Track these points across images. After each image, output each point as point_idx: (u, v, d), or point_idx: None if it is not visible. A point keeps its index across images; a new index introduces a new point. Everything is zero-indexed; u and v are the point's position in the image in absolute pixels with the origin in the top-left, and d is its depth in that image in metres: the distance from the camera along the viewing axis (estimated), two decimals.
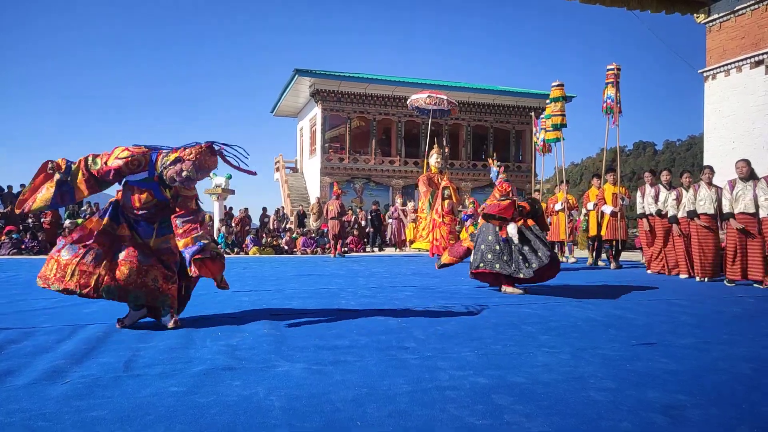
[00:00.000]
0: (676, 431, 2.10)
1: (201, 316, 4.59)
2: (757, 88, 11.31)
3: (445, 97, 15.39)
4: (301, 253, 16.04)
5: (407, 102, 16.09)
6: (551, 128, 11.69)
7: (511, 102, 27.60)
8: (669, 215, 8.38)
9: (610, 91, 10.43)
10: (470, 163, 27.34)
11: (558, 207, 11.62)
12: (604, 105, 10.53)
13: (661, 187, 8.79)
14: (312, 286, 6.99)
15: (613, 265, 10.08)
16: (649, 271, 9.11)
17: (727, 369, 2.99)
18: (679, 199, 8.27)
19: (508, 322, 4.33)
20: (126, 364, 2.99)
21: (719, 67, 12.15)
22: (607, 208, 10.06)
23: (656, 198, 8.73)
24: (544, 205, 12.16)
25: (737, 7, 11.66)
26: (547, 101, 12.02)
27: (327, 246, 16.35)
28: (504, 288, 6.23)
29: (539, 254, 5.89)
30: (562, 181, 12.03)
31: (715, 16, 12.21)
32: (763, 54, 11.14)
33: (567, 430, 2.11)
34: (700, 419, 2.23)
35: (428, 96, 15.54)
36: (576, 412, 2.30)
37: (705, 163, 12.59)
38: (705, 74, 12.63)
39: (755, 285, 7.07)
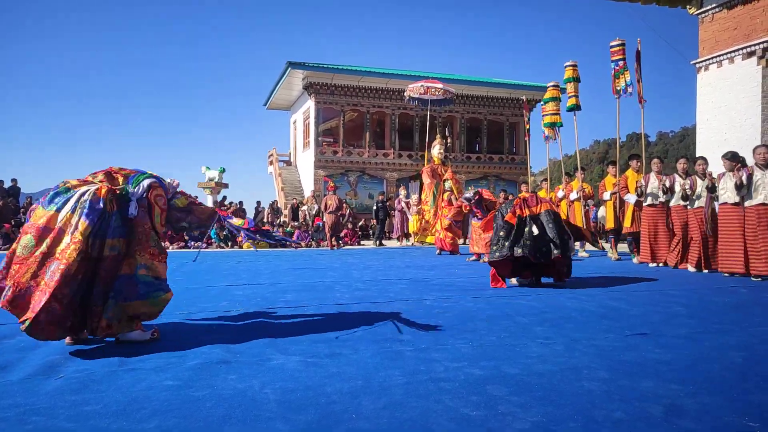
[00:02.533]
0: (669, 420, 2.12)
1: (195, 309, 4.58)
2: (749, 79, 11.35)
3: (441, 86, 15.25)
4: (296, 247, 16.02)
5: (405, 92, 15.94)
6: (570, 108, 11.12)
7: (504, 94, 27.58)
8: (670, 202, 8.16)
9: (619, 82, 9.86)
10: (464, 155, 27.33)
11: (574, 196, 10.80)
12: (622, 90, 9.90)
13: (676, 176, 8.27)
14: (306, 279, 6.99)
15: (636, 259, 9.34)
16: (652, 265, 8.65)
17: (718, 358, 3.01)
18: (692, 188, 7.91)
19: (502, 314, 4.35)
20: (121, 358, 2.99)
21: (712, 58, 12.17)
22: (631, 198, 9.22)
23: (672, 188, 8.27)
24: (552, 195, 11.93)
25: None
26: (542, 89, 11.74)
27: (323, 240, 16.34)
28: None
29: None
30: (577, 169, 11.35)
31: (708, 7, 12.22)
32: (754, 45, 11.17)
33: (561, 420, 2.12)
34: (692, 408, 2.25)
35: (422, 86, 15.36)
36: (570, 402, 2.31)
37: (698, 155, 12.64)
38: (698, 65, 12.66)
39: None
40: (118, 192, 3.35)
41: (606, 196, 10.02)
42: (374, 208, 17.83)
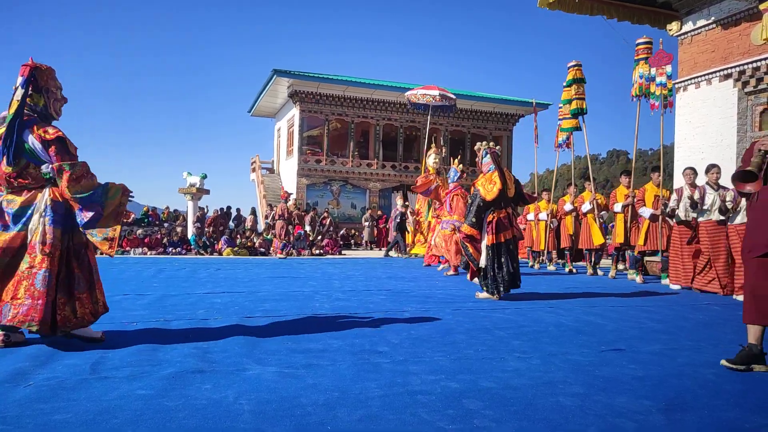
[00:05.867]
0: None
1: (171, 317, 4.52)
2: (726, 101, 11.62)
3: (448, 94, 15.12)
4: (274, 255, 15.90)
5: (405, 95, 15.70)
6: (569, 115, 10.63)
7: (488, 108, 27.83)
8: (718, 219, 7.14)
9: (643, 69, 9.19)
10: (447, 168, 27.50)
11: (586, 207, 10.01)
12: (637, 85, 9.17)
13: (707, 187, 7.35)
14: (286, 288, 6.95)
15: (639, 278, 8.72)
16: (676, 286, 7.88)
17: (691, 375, 3.06)
18: (736, 202, 6.96)
19: (481, 327, 4.37)
20: (93, 366, 2.93)
21: (690, 79, 12.45)
22: (646, 211, 8.55)
23: (702, 200, 7.32)
24: (554, 207, 11.28)
25: (707, 22, 11.99)
26: (526, 104, 11.42)
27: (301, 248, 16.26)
28: (477, 293, 6.28)
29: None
30: (588, 179, 10.73)
31: (687, 29, 12.52)
32: (731, 68, 11.45)
33: None
34: (664, 424, 2.28)
35: (431, 91, 15.12)
36: (544, 417, 2.33)
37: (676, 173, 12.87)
38: (677, 85, 12.92)
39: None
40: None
41: (617, 207, 9.23)
42: (397, 221, 16.14)
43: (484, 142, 6.65)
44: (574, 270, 10.74)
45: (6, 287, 3.27)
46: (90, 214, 3.35)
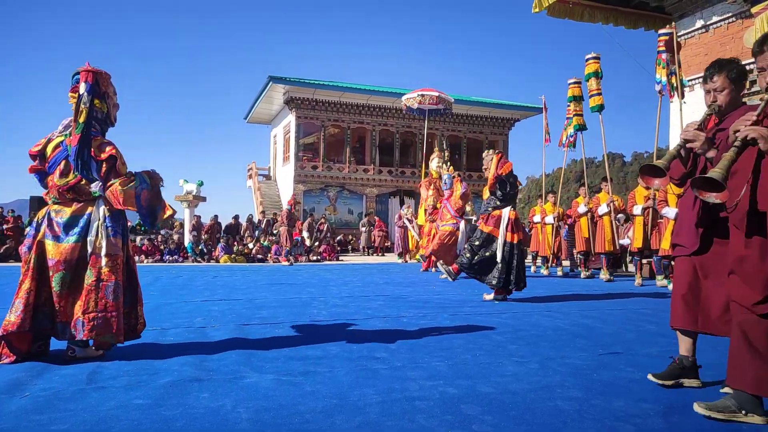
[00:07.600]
0: None
1: (168, 325, 4.51)
2: None
3: (439, 95, 15.17)
4: (273, 262, 15.89)
5: (402, 99, 15.76)
6: (594, 109, 10.45)
7: (484, 113, 27.92)
8: None
9: (660, 73, 9.01)
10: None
11: (603, 210, 9.60)
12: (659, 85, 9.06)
13: None
14: (283, 295, 6.94)
15: (671, 285, 7.92)
16: None
17: None
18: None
19: (478, 332, 4.37)
20: (89, 375, 2.92)
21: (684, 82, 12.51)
22: (671, 211, 7.89)
23: None
24: (560, 210, 11.11)
25: (700, 26, 12.06)
26: (521, 108, 11.56)
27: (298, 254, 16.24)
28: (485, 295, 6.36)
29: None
30: (582, 184, 10.57)
31: (680, 33, 12.60)
32: None
33: None
34: (663, 427, 2.28)
35: (421, 95, 15.16)
36: (543, 421, 2.32)
37: None
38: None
39: None
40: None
41: (637, 210, 8.73)
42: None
43: (494, 150, 6.77)
44: (592, 275, 10.31)
45: (75, 302, 3.23)
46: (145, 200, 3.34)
